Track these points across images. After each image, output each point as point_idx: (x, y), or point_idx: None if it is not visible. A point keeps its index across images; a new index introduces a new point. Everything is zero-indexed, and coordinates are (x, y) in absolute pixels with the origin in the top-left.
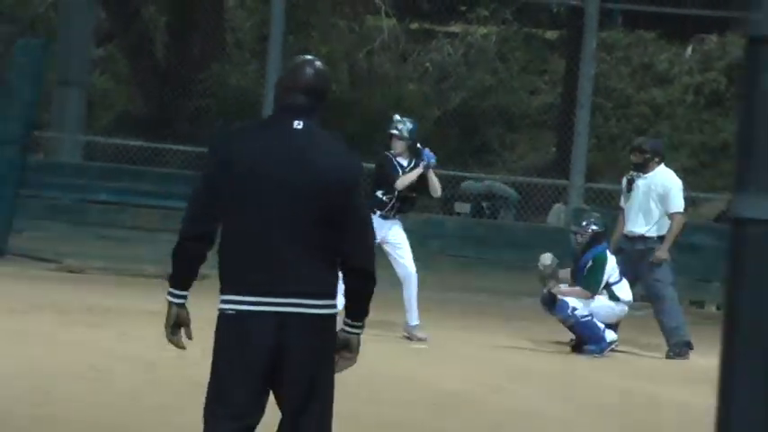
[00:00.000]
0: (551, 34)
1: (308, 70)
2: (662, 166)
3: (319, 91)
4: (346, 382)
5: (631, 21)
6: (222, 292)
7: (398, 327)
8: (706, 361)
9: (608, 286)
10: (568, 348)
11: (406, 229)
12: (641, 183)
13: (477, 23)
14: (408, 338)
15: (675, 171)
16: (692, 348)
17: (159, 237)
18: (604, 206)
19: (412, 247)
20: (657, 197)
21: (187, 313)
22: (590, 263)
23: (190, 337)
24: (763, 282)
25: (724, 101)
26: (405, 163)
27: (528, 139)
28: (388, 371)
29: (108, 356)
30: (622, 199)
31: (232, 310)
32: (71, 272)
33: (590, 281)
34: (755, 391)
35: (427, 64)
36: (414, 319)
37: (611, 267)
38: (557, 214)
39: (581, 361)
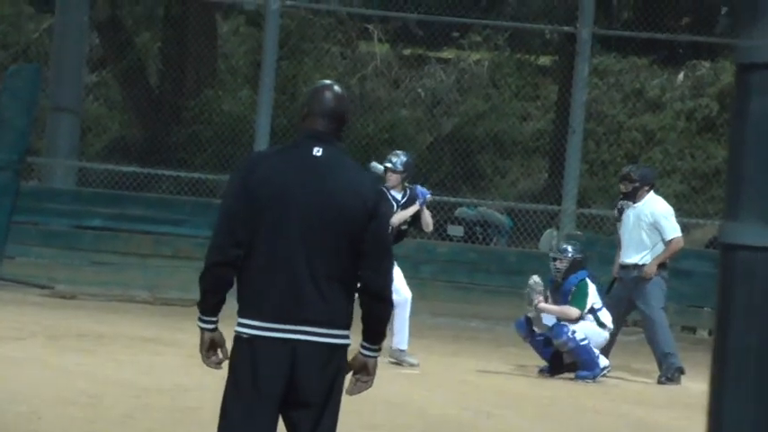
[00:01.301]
0: (544, 60)
1: (327, 95)
2: (651, 194)
3: (338, 115)
4: (341, 406)
5: (624, 47)
6: (239, 314)
7: (386, 352)
8: (697, 386)
9: (593, 312)
10: (557, 374)
11: (398, 256)
12: (631, 212)
13: (470, 49)
14: (397, 364)
15: (667, 197)
16: (683, 373)
17: (152, 262)
18: (596, 232)
19: (404, 272)
20: (647, 226)
21: (221, 334)
22: (574, 288)
23: (226, 357)
24: (753, 308)
25: (716, 127)
26: (398, 196)
27: (520, 164)
28: (380, 395)
29: (100, 382)
30: (618, 226)
31: (246, 333)
32: (63, 297)
33: (576, 302)
34: (744, 417)
35: (420, 90)
36: (403, 343)
37: (594, 293)
38: (548, 240)
39: (572, 386)
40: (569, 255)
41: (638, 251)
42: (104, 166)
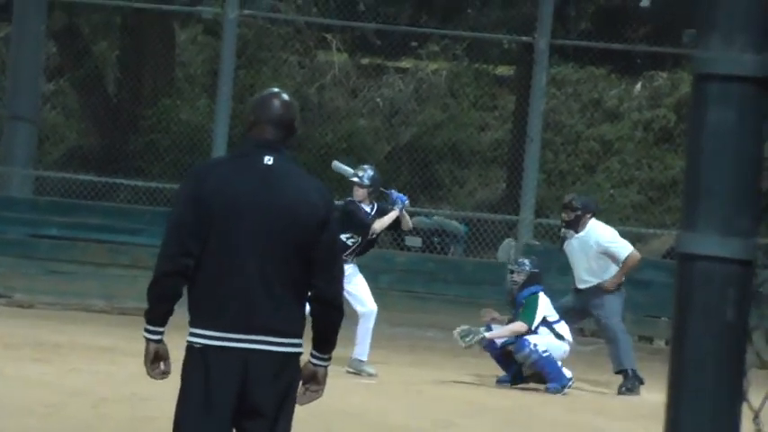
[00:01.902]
0: (502, 70)
1: (275, 102)
2: (593, 221)
3: (287, 123)
4: (297, 418)
5: (581, 57)
6: (191, 324)
7: (347, 361)
8: (654, 396)
9: (549, 325)
10: (516, 384)
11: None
12: (575, 242)
13: (428, 59)
14: (356, 374)
15: (624, 207)
16: (642, 383)
17: (108, 272)
18: (554, 241)
19: None
20: (595, 255)
21: (165, 347)
22: (524, 301)
23: (169, 371)
24: (710, 318)
25: (673, 137)
26: (368, 209)
27: (478, 174)
28: (338, 405)
29: (58, 392)
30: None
31: (198, 343)
32: (20, 306)
33: (525, 316)
34: (702, 428)
35: (378, 99)
36: (364, 354)
37: (547, 306)
38: (506, 250)
39: (530, 396)
40: (526, 268)
41: (591, 276)
42: (61, 175)
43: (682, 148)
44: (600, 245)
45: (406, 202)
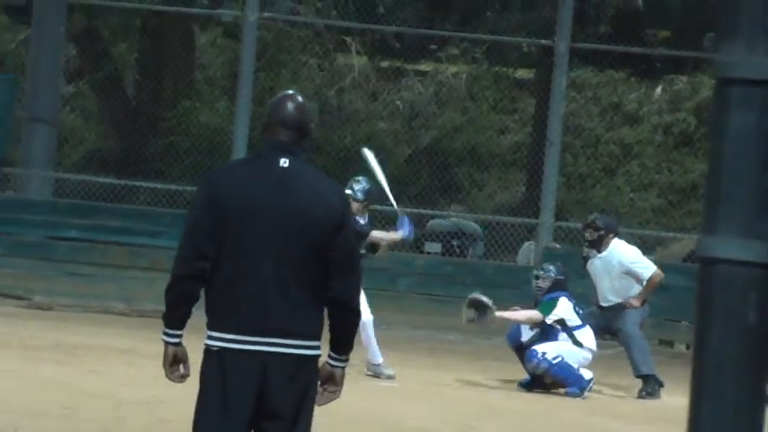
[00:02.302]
0: (521, 73)
1: (290, 105)
2: (615, 240)
3: (302, 125)
4: (314, 419)
5: (601, 60)
6: (209, 327)
7: (365, 365)
8: (675, 400)
9: (569, 330)
10: (535, 389)
11: (375, 268)
12: (597, 261)
13: (448, 62)
14: (375, 376)
15: (644, 210)
16: (662, 386)
17: (128, 274)
18: (574, 245)
19: (381, 284)
20: (618, 275)
21: (184, 350)
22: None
23: (188, 373)
24: (731, 321)
25: (693, 141)
26: (362, 222)
27: (498, 177)
28: (357, 408)
29: (76, 393)
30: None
31: (215, 346)
32: (39, 309)
33: (543, 308)
34: (723, 430)
35: (398, 102)
36: (377, 356)
37: (568, 310)
38: (526, 253)
39: (549, 400)
40: (552, 274)
41: (615, 295)
42: (80, 177)
43: (702, 151)
44: (623, 264)
45: (412, 236)
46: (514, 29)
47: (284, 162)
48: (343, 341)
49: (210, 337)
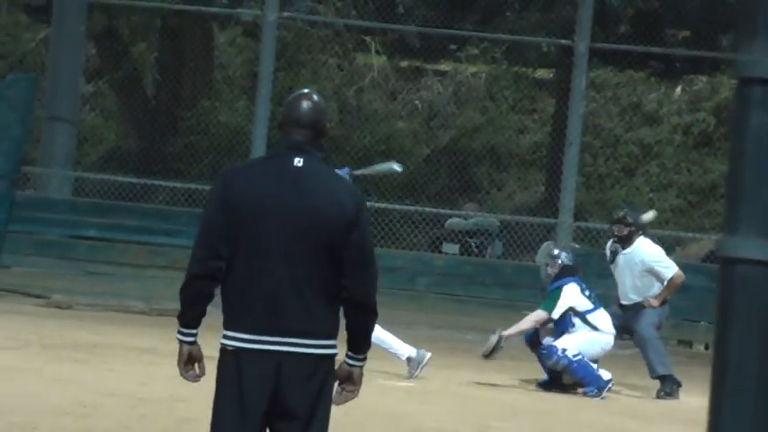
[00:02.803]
0: (541, 73)
1: (305, 104)
2: (641, 238)
3: (317, 125)
4: (334, 419)
5: (621, 60)
6: (224, 327)
7: (385, 362)
8: (694, 400)
9: (582, 316)
10: (553, 389)
11: (394, 267)
12: (621, 259)
13: (467, 62)
14: (419, 367)
15: (663, 211)
16: (680, 386)
17: (147, 273)
18: (593, 245)
19: (400, 284)
20: (640, 273)
21: (199, 349)
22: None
23: (203, 372)
24: (752, 322)
25: (713, 141)
26: None
27: (517, 177)
28: (375, 407)
29: (95, 392)
30: (612, 268)
31: (231, 346)
32: (59, 307)
33: (545, 304)
34: (743, 431)
35: (417, 102)
36: (402, 351)
37: (576, 296)
38: (545, 253)
39: (568, 399)
40: (559, 261)
41: (637, 294)
42: (100, 177)
43: (721, 151)
44: (645, 263)
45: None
46: (534, 29)
47: (298, 162)
48: (361, 340)
49: (226, 337)
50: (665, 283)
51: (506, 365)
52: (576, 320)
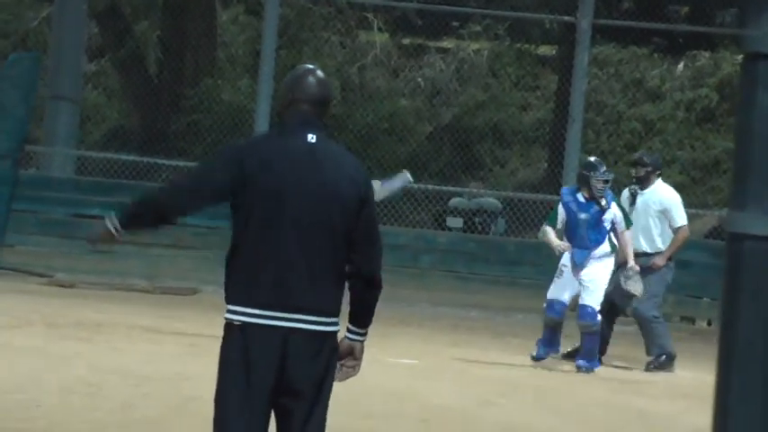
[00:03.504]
0: (544, 50)
1: (314, 80)
2: (659, 180)
3: (326, 100)
4: (337, 396)
5: (623, 36)
6: (230, 301)
7: (387, 340)
8: (695, 376)
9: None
10: (557, 363)
11: (398, 245)
12: (639, 199)
13: (470, 39)
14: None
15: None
16: (673, 359)
17: (150, 251)
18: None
19: (403, 261)
20: (656, 213)
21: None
22: (613, 205)
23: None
24: (760, 296)
25: (715, 117)
26: None
27: (519, 154)
28: (379, 385)
29: (99, 370)
30: (630, 210)
31: (239, 321)
32: (62, 286)
33: (625, 221)
34: (752, 406)
35: (419, 79)
36: None
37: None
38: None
39: (570, 375)
40: (608, 176)
41: (646, 238)
42: (103, 155)
43: (724, 127)
44: (662, 203)
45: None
46: (537, 5)
47: (312, 138)
48: (364, 315)
49: (233, 312)
50: (673, 235)
51: (510, 343)
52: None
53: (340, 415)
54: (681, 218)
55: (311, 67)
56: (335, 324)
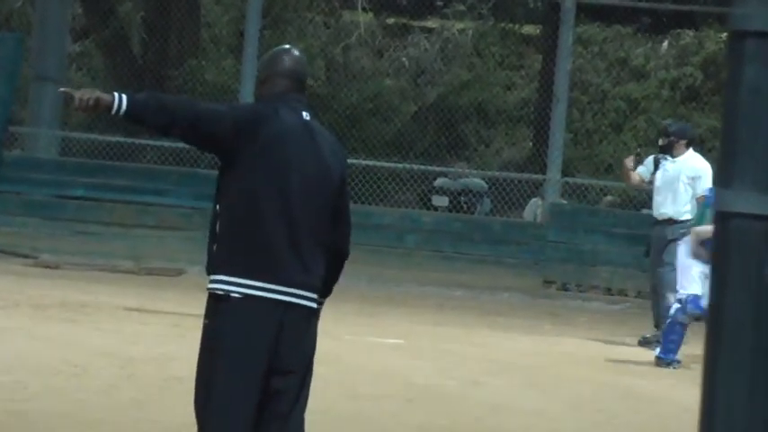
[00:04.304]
0: (528, 29)
1: (298, 58)
2: (691, 150)
3: (301, 77)
4: (323, 377)
5: (608, 15)
6: (224, 272)
7: (373, 320)
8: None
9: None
10: (545, 342)
11: (383, 225)
12: (671, 167)
13: (454, 18)
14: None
15: None
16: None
17: (135, 232)
18: (581, 201)
19: (389, 242)
20: (688, 180)
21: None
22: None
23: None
24: (748, 275)
25: (700, 96)
26: None
27: (504, 134)
28: (364, 365)
29: (84, 352)
30: (648, 177)
31: (238, 293)
32: (47, 267)
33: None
34: (739, 386)
35: (404, 59)
36: None
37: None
38: (533, 209)
39: (556, 354)
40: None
41: (675, 204)
42: (87, 136)
43: (709, 106)
44: (696, 171)
45: None
46: None
47: (306, 116)
48: (331, 285)
49: (229, 283)
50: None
51: (496, 322)
52: None
53: (326, 396)
54: (705, 190)
55: (289, 46)
56: (320, 302)
